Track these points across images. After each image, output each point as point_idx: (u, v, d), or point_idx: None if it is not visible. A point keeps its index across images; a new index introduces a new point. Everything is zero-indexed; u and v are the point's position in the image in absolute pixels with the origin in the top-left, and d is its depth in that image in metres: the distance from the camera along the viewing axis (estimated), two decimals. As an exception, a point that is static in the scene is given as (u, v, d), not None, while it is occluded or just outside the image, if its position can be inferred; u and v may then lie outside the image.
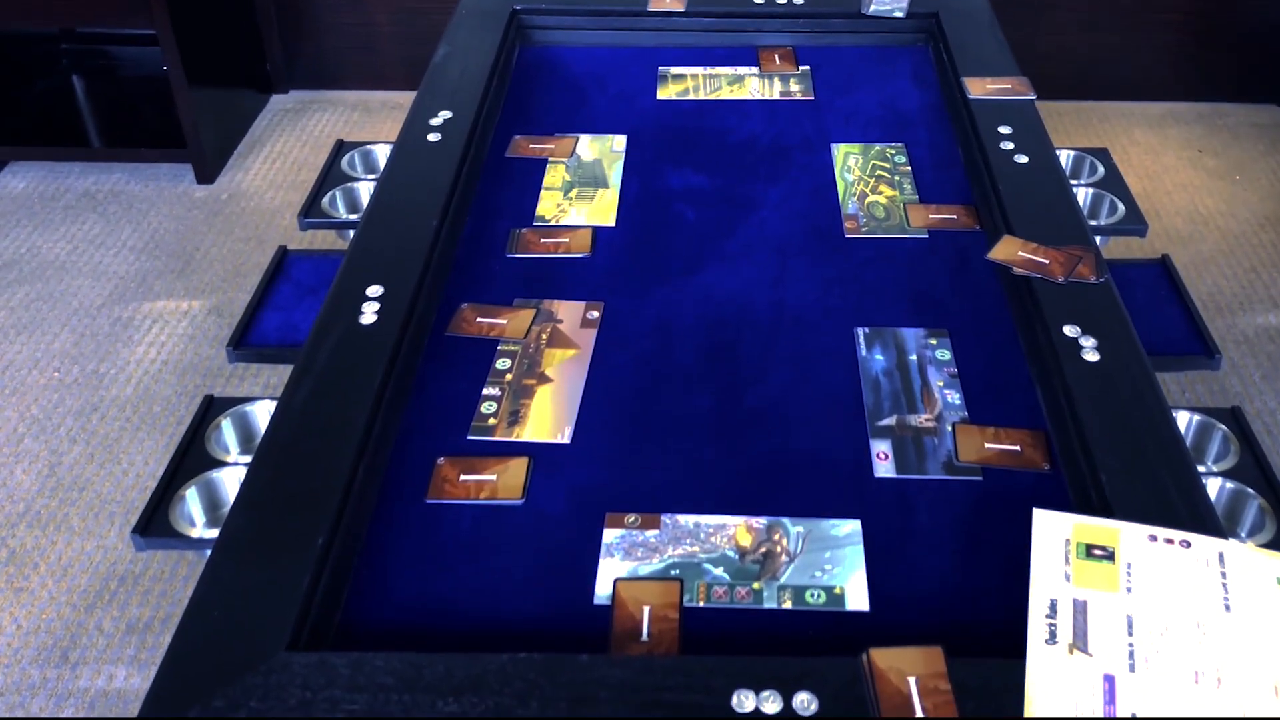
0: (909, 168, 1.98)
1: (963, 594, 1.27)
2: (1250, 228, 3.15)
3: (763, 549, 1.32)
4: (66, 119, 3.67)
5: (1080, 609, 1.16)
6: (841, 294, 1.71)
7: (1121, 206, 1.97)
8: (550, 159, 2.02)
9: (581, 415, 1.51)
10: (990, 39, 2.21)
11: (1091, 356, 1.47)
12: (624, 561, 1.31)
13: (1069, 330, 1.51)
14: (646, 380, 1.57)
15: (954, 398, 1.52)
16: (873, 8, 2.30)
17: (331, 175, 2.09)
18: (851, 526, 1.34)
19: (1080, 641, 1.13)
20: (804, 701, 1.08)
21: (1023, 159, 1.85)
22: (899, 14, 2.29)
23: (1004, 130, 1.93)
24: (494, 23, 2.27)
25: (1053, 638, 1.14)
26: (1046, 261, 1.63)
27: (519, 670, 1.11)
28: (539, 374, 1.57)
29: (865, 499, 1.38)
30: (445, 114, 1.98)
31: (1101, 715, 1.07)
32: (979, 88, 2.05)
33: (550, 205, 1.91)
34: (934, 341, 1.61)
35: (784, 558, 1.31)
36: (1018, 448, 1.44)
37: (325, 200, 2.03)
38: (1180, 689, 1.09)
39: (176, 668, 1.13)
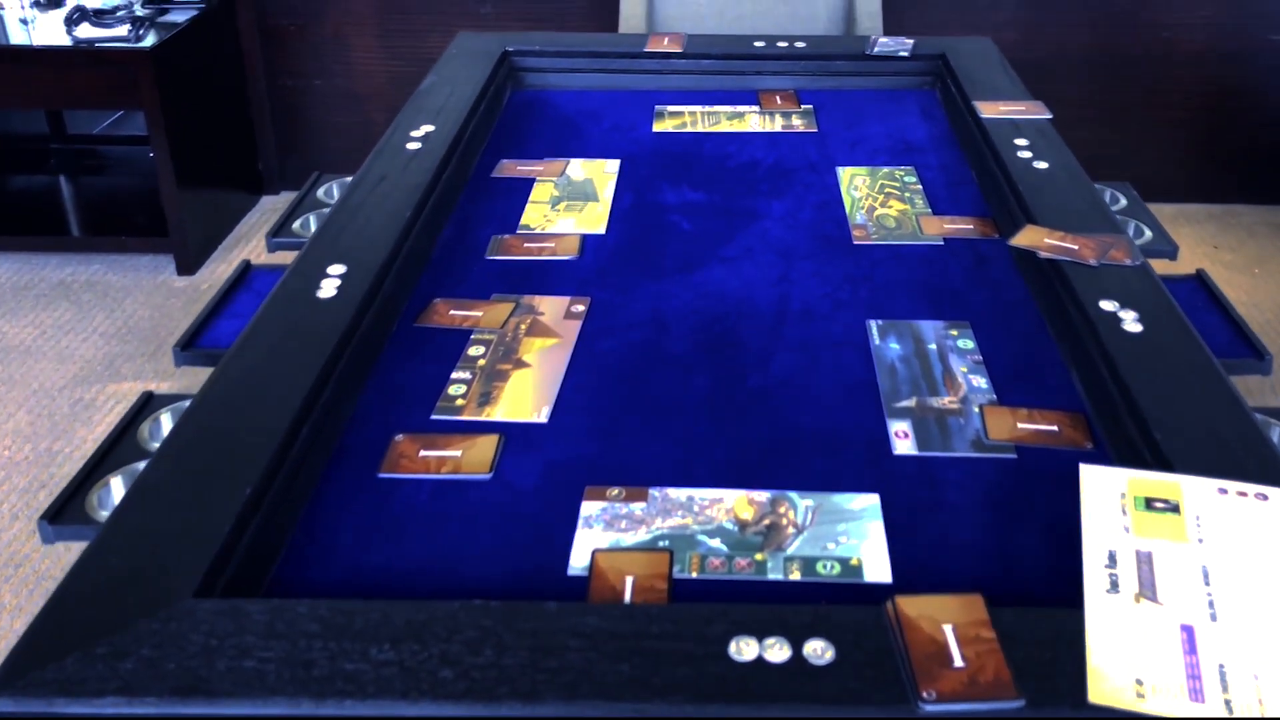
0: (919, 186, 1.84)
1: (998, 565, 1.08)
2: (1273, 316, 3.01)
3: (766, 521, 1.14)
4: (48, 210, 3.57)
5: (1145, 559, 0.98)
6: (852, 292, 1.55)
7: (1148, 231, 1.82)
8: (538, 179, 1.89)
9: (562, 397, 1.33)
10: (1001, 73, 2.11)
11: (1133, 328, 1.31)
12: (605, 533, 1.12)
13: (1106, 305, 1.35)
14: (636, 365, 1.40)
15: (980, 382, 1.35)
16: (877, 48, 2.21)
17: (305, 202, 1.96)
18: (869, 500, 1.16)
19: (1148, 591, 0.94)
20: (817, 650, 0.89)
21: (1042, 165, 1.72)
22: (904, 53, 2.20)
23: (1020, 142, 1.80)
24: (484, 60, 2.17)
25: (1114, 587, 0.95)
26: (1076, 247, 1.48)
27: (471, 617, 0.92)
28: (515, 359, 1.40)
29: (884, 475, 1.20)
30: (427, 127, 1.86)
31: (1181, 664, 0.88)
32: (992, 109, 1.93)
33: (537, 216, 1.77)
34: (955, 332, 1.45)
35: (790, 530, 1.12)
36: (1055, 428, 1.26)
37: (297, 223, 1.89)
38: (1273, 639, 0.90)
39: (58, 613, 0.94)
